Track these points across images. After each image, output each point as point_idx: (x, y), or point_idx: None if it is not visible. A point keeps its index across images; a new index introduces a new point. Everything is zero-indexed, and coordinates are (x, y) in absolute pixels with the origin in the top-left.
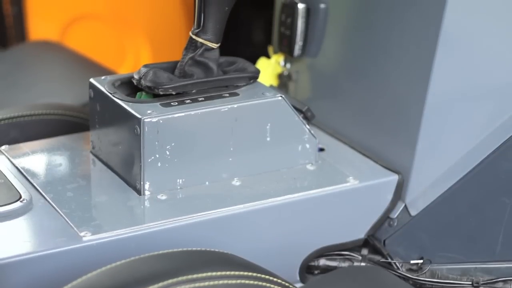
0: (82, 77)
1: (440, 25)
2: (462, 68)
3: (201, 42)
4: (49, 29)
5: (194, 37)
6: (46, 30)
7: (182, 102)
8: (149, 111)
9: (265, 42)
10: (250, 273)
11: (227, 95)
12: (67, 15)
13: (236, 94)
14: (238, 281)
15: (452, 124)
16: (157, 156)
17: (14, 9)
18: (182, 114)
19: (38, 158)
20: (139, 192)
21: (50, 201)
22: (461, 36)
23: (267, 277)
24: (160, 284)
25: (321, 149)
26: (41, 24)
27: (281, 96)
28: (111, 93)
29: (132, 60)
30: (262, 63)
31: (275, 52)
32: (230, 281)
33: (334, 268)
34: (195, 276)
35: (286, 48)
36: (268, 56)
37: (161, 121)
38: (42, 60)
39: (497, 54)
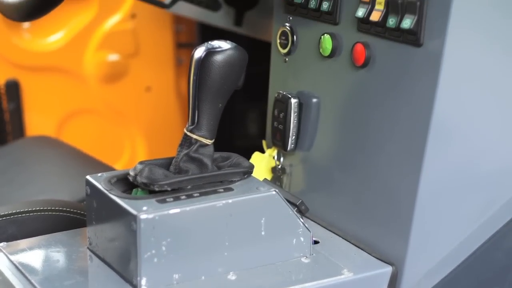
0: (79, 173)
1: (429, 118)
2: (453, 159)
3: (195, 139)
4: (46, 124)
5: (188, 133)
6: (43, 125)
7: (177, 198)
8: (144, 208)
9: (259, 134)
10: None
11: (222, 190)
12: (63, 110)
13: (231, 189)
14: None
15: (444, 214)
16: (153, 252)
17: (11, 105)
18: (178, 210)
19: (36, 255)
20: (135, 287)
21: None
22: (451, 127)
23: None
24: None
25: (316, 242)
26: (38, 119)
27: (275, 191)
28: (107, 190)
29: (129, 155)
30: (256, 158)
31: (269, 147)
32: None
33: None
34: None
35: (280, 143)
36: (262, 150)
37: (157, 218)
38: (39, 156)
39: (487, 144)
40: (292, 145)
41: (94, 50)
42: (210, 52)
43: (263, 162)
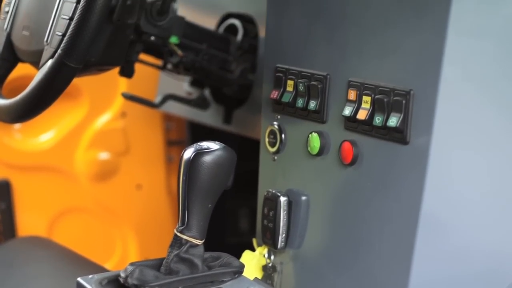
0: (70, 274)
1: (418, 215)
2: (443, 255)
3: (185, 239)
4: (37, 223)
5: (179, 234)
6: (35, 224)
7: None
8: None
9: (250, 230)
10: None
11: None
12: (54, 209)
13: None
14: None
15: None
16: None
17: (2, 205)
18: None
19: None
20: None
21: None
22: (440, 224)
23: None
24: None
25: None
26: (29, 219)
27: None
28: None
29: (120, 253)
30: (246, 256)
31: (259, 245)
32: None
33: None
34: None
35: (270, 241)
36: (252, 249)
37: None
38: (30, 257)
39: (477, 238)
40: (282, 243)
41: (84, 148)
42: (199, 153)
43: (253, 261)
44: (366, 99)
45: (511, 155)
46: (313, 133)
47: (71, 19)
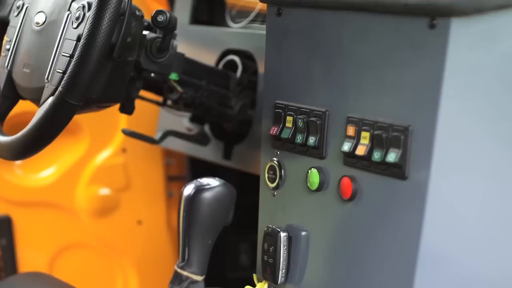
0: None
1: (417, 250)
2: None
3: (186, 276)
4: (38, 259)
5: (179, 270)
6: (36, 260)
7: None
8: None
9: (250, 265)
10: None
11: None
12: (56, 245)
13: None
14: None
15: None
16: None
17: (3, 241)
18: None
19: None
20: None
21: None
22: (439, 258)
23: None
24: None
25: None
26: (30, 255)
27: None
28: None
29: None
30: None
31: (260, 280)
32: None
33: None
34: None
35: (270, 276)
36: (253, 284)
37: None
38: None
39: (477, 272)
40: (283, 279)
41: (85, 184)
42: (199, 190)
43: None
44: (365, 135)
45: (511, 189)
46: (313, 168)
47: (71, 56)
